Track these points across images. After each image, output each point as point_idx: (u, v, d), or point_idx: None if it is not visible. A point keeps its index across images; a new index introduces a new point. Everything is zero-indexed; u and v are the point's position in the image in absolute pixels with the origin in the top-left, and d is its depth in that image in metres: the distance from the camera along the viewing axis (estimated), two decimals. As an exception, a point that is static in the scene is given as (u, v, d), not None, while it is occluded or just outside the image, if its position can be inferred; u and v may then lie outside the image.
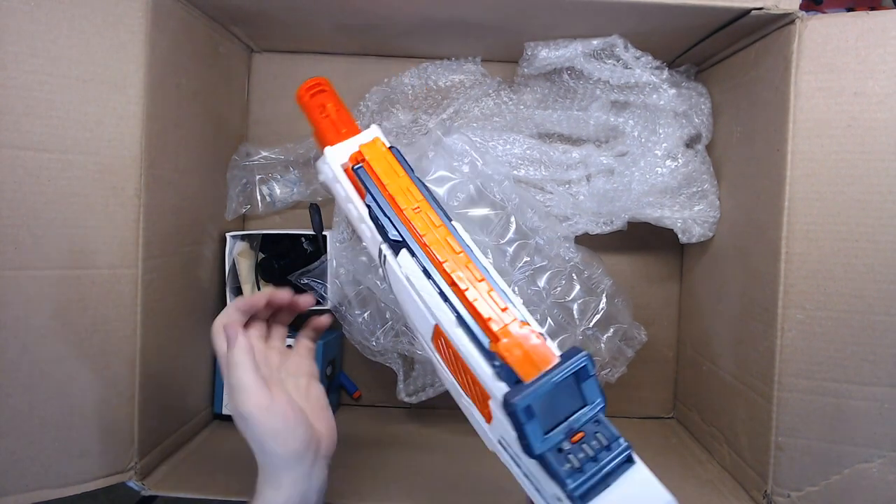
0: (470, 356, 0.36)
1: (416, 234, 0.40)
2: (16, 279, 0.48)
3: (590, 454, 0.34)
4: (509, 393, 0.33)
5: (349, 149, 0.46)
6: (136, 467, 0.55)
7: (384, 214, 0.41)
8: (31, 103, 0.48)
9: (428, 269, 0.39)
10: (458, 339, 0.37)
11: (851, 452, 0.51)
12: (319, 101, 0.50)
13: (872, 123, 0.50)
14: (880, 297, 0.50)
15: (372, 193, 0.42)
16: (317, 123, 0.50)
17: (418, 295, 0.39)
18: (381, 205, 0.42)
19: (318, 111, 0.49)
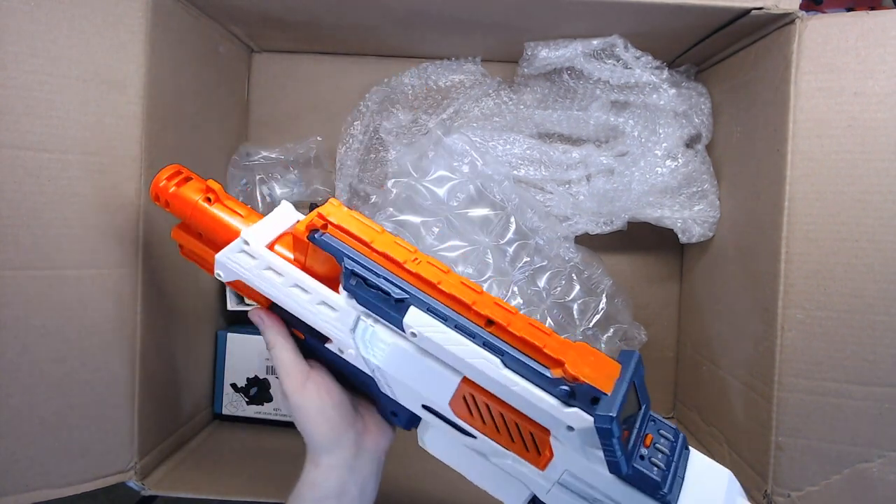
0: (526, 394, 0.34)
1: (428, 284, 0.37)
2: (16, 279, 0.48)
3: (666, 453, 0.34)
4: (601, 410, 0.31)
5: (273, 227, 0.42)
6: (136, 467, 0.55)
7: (378, 275, 0.37)
8: (31, 103, 0.48)
9: (454, 319, 0.36)
10: (507, 382, 0.34)
11: (851, 452, 0.51)
12: (195, 188, 0.44)
13: (872, 123, 0.50)
14: (880, 297, 0.50)
15: (353, 257, 0.38)
16: (200, 216, 0.43)
17: (436, 354, 0.36)
18: (370, 266, 0.37)
19: (198, 199, 0.43)
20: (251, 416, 0.70)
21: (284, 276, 0.40)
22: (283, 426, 0.70)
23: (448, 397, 0.37)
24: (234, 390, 0.70)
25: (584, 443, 0.34)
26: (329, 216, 0.39)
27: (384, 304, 0.37)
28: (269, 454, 0.65)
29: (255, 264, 0.40)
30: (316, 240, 0.38)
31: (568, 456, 0.34)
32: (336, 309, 0.39)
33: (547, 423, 0.34)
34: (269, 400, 0.70)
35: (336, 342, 0.40)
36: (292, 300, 0.40)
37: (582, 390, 0.33)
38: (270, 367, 0.70)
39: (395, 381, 0.39)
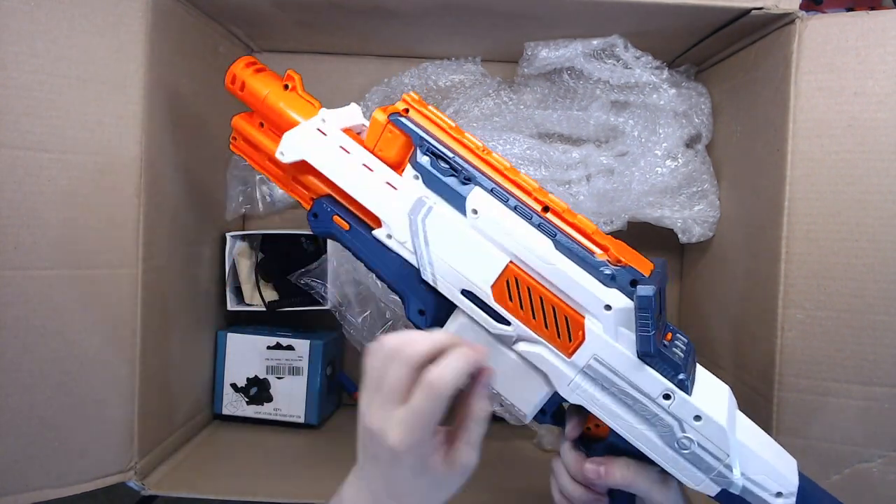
0: (572, 274, 0.38)
1: (495, 169, 0.40)
2: (16, 279, 0.48)
3: (683, 349, 0.39)
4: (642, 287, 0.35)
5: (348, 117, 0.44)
6: (136, 467, 0.55)
7: (454, 155, 0.40)
8: (31, 103, 0.48)
9: (514, 201, 0.39)
10: (555, 261, 0.38)
11: (851, 452, 0.51)
12: (272, 76, 0.47)
13: (872, 123, 0.50)
14: (880, 297, 0.50)
15: (434, 136, 0.41)
16: (274, 103, 0.45)
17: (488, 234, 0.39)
18: (447, 146, 0.41)
19: (276, 84, 0.46)
20: (251, 416, 0.70)
21: (353, 154, 0.42)
22: (283, 426, 0.70)
23: (492, 280, 0.39)
24: (234, 390, 0.70)
25: (618, 322, 0.37)
26: (412, 102, 0.42)
27: (451, 182, 0.40)
28: (269, 454, 0.65)
29: (326, 142, 0.43)
30: (397, 121, 0.41)
31: (598, 340, 0.38)
32: (398, 188, 0.41)
33: (586, 302, 0.38)
34: (269, 400, 0.70)
35: (387, 225, 0.42)
36: (356, 179, 0.42)
37: (623, 273, 0.37)
38: (270, 367, 0.70)
39: (441, 264, 0.40)
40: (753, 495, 0.39)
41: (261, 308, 0.72)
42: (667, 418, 0.38)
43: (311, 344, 0.70)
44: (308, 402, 0.70)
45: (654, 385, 0.37)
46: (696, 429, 0.37)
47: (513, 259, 0.39)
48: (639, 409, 0.38)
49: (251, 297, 0.72)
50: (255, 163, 0.48)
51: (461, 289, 0.41)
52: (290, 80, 0.46)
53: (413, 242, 0.41)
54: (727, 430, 0.37)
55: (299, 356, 0.70)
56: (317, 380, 0.70)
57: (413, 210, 0.41)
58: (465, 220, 0.40)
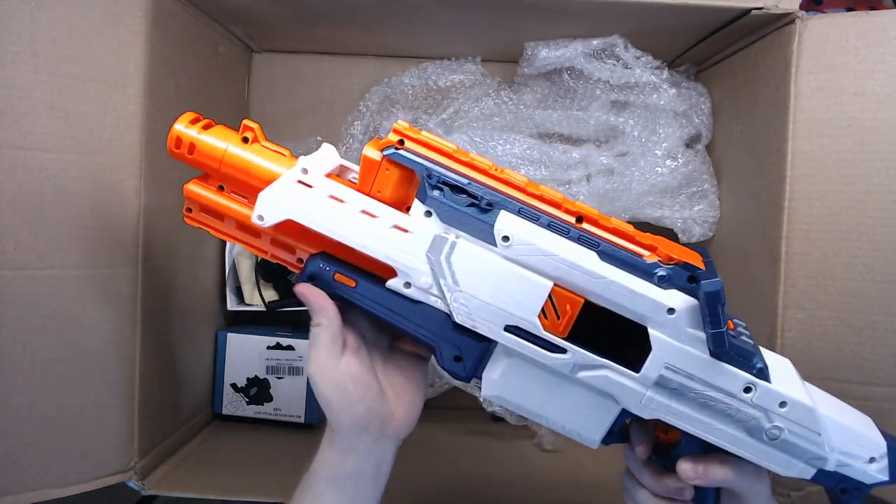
0: (624, 283, 0.35)
1: (516, 188, 0.37)
2: (16, 279, 0.48)
3: (748, 335, 0.37)
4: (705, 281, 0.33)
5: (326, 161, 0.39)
6: (136, 467, 0.55)
7: (468, 182, 0.36)
8: (31, 103, 0.48)
9: (545, 218, 0.36)
10: (604, 273, 0.35)
11: (851, 452, 0.51)
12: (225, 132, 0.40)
13: (872, 123, 0.50)
14: (880, 297, 0.50)
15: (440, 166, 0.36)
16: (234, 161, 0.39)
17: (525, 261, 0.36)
18: (457, 173, 0.36)
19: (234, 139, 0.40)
20: (251, 416, 0.70)
21: (349, 202, 0.37)
22: (283, 426, 0.70)
23: (538, 309, 0.36)
24: (234, 390, 0.70)
25: (686, 324, 0.35)
26: (405, 131, 0.37)
27: (472, 212, 0.36)
28: (269, 454, 0.65)
29: (313, 194, 0.37)
30: (395, 155, 0.36)
31: (666, 347, 0.35)
32: (410, 230, 0.37)
33: (647, 310, 0.35)
34: (269, 400, 0.70)
35: (403, 273, 0.37)
36: (356, 230, 0.37)
37: (677, 271, 0.35)
38: (270, 367, 0.70)
39: (476, 303, 0.37)
40: (849, 467, 0.37)
41: (261, 308, 0.72)
42: (752, 411, 0.36)
43: (311, 344, 0.70)
44: (308, 402, 0.70)
45: (734, 380, 0.36)
46: (783, 415, 0.36)
47: (557, 281, 0.36)
48: (721, 409, 0.36)
49: (251, 297, 0.72)
50: (220, 233, 0.42)
51: (504, 325, 0.37)
52: (248, 130, 0.40)
53: (438, 286, 0.37)
54: (814, 408, 0.36)
55: (299, 356, 0.70)
56: (317, 380, 0.70)
57: (433, 250, 0.36)
58: (495, 251, 0.36)
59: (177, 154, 0.39)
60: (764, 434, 0.36)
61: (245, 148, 0.39)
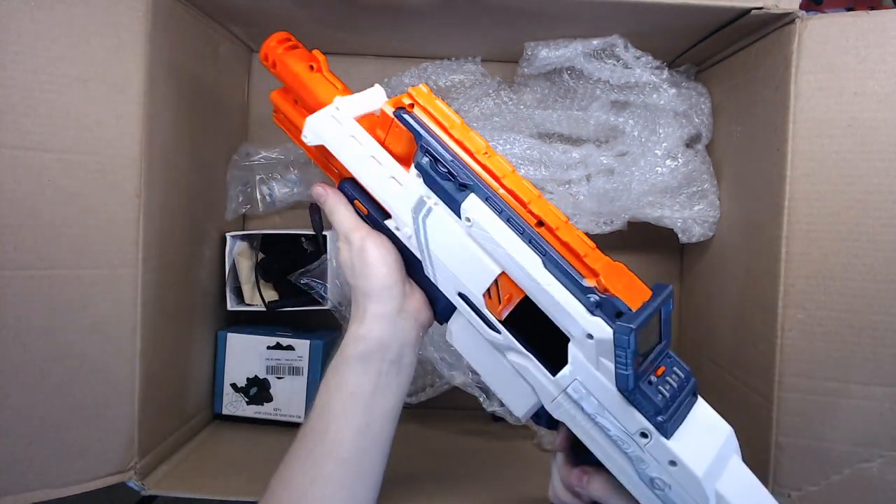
0: (557, 295, 0.36)
1: (493, 176, 0.39)
2: (16, 279, 0.48)
3: (673, 387, 0.36)
4: (623, 321, 0.33)
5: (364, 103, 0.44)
6: (136, 467, 0.55)
7: (452, 158, 0.40)
8: (31, 103, 0.48)
9: (507, 212, 0.38)
10: (543, 280, 0.37)
11: (851, 452, 0.51)
12: (301, 55, 0.48)
13: (872, 123, 0.50)
14: (880, 297, 0.50)
15: (433, 136, 0.40)
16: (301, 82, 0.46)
17: (484, 242, 0.38)
18: (446, 148, 0.40)
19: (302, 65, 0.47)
20: (251, 416, 0.70)
21: (363, 145, 0.43)
22: (283, 426, 0.70)
23: (484, 288, 0.39)
24: (234, 390, 0.70)
25: (599, 353, 0.36)
26: (417, 97, 0.41)
27: (448, 187, 0.39)
28: (269, 454, 0.65)
29: (340, 131, 0.43)
30: (400, 117, 0.41)
31: (580, 365, 0.36)
32: (402, 185, 0.41)
33: (570, 327, 0.36)
34: (269, 400, 0.70)
35: (395, 219, 0.43)
36: (365, 170, 0.43)
37: (609, 303, 0.35)
38: (270, 367, 0.70)
39: (440, 265, 0.41)
40: None
41: (261, 308, 0.72)
42: (643, 455, 0.36)
43: (311, 344, 0.70)
44: (308, 402, 0.70)
45: (632, 422, 0.36)
46: (670, 473, 0.35)
47: (504, 270, 0.38)
48: (616, 441, 0.36)
49: (251, 297, 0.72)
50: (294, 137, 0.50)
51: (458, 291, 0.41)
52: (313, 60, 0.46)
53: (417, 239, 0.42)
54: (703, 482, 0.35)
55: (299, 356, 0.70)
56: (317, 380, 0.70)
57: (416, 208, 0.41)
58: (460, 226, 0.40)
59: (265, 65, 0.49)
60: (651, 481, 0.36)
61: (309, 75, 0.46)
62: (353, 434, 0.42)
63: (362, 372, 0.43)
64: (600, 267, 0.37)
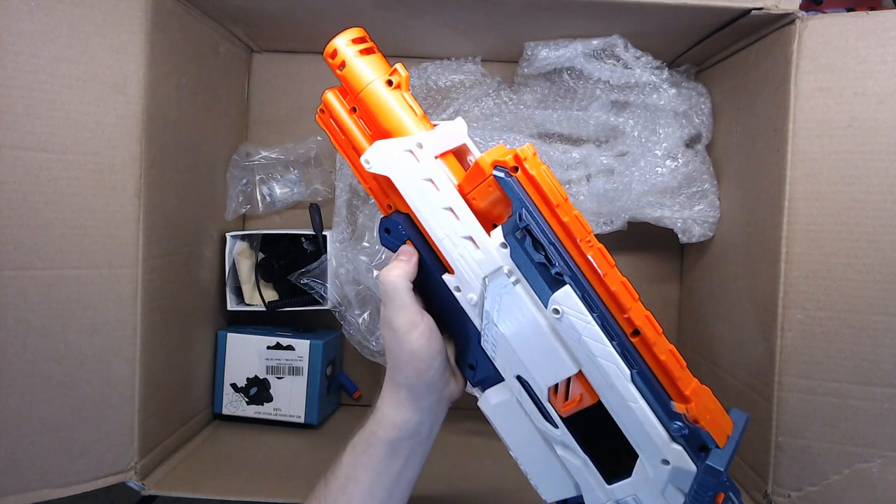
0: (640, 415, 0.34)
1: (593, 272, 0.35)
2: (16, 279, 0.48)
3: None
4: (714, 461, 0.32)
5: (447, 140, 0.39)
6: (136, 467, 0.55)
7: (550, 242, 0.35)
8: (31, 103, 0.48)
9: (604, 315, 0.35)
10: (627, 395, 0.34)
11: (851, 452, 0.51)
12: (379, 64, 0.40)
13: (872, 123, 0.50)
14: (880, 297, 0.50)
15: (532, 213, 0.35)
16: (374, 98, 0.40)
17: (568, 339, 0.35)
18: (545, 228, 0.35)
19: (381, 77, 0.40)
20: (251, 416, 0.70)
21: (442, 193, 0.38)
22: (283, 426, 0.70)
23: (552, 382, 0.36)
24: (234, 390, 0.70)
25: (671, 480, 0.34)
26: (525, 161, 0.36)
27: (540, 272, 0.35)
28: (269, 454, 0.65)
29: (416, 169, 0.38)
30: (501, 179, 0.36)
31: (644, 485, 0.35)
32: (482, 250, 0.37)
33: (646, 446, 0.34)
34: (269, 400, 0.70)
35: (459, 279, 0.38)
36: (437, 220, 0.38)
37: (697, 435, 0.33)
38: (270, 367, 0.70)
39: (504, 344, 0.37)
40: None
41: (261, 308, 0.72)
42: None
43: (311, 344, 0.70)
44: (308, 402, 0.70)
45: None
46: None
47: (583, 370, 0.35)
48: None
49: (251, 297, 0.72)
50: (338, 145, 0.44)
51: (517, 374, 0.38)
52: (396, 74, 0.40)
53: (481, 309, 0.38)
54: None
55: (299, 356, 0.70)
56: (317, 380, 0.70)
57: (492, 277, 0.37)
58: (543, 314, 0.36)
59: (329, 63, 0.41)
60: None
61: (387, 90, 0.40)
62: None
63: (392, 456, 0.42)
64: (692, 392, 0.34)
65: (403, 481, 0.43)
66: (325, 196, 0.75)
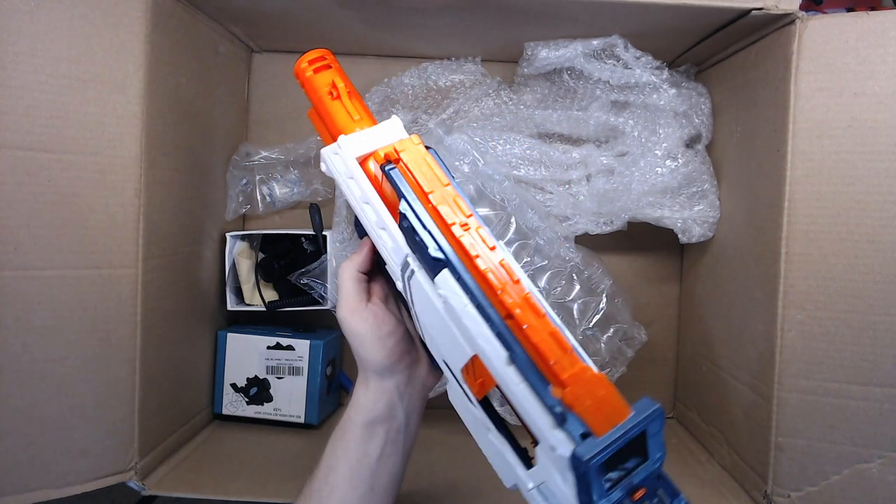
0: (522, 398, 0.33)
1: (466, 254, 0.35)
2: (16, 279, 0.48)
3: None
4: (581, 450, 0.30)
5: (370, 141, 0.41)
6: (136, 467, 0.55)
7: (424, 228, 0.36)
8: (31, 103, 0.48)
9: (478, 297, 0.34)
10: (508, 378, 0.33)
11: (851, 452, 0.51)
12: (326, 79, 0.45)
13: (873, 123, 0.50)
14: (880, 297, 0.50)
15: (409, 201, 0.37)
16: (323, 106, 0.44)
17: (456, 322, 0.35)
18: (421, 216, 0.37)
19: (324, 90, 0.44)
20: (251, 416, 0.70)
21: (362, 190, 0.40)
22: (283, 426, 0.70)
23: (461, 364, 0.37)
24: (234, 390, 0.70)
25: (566, 467, 0.31)
26: (402, 152, 0.38)
27: (422, 256, 0.37)
28: (269, 454, 0.65)
29: (342, 170, 0.41)
30: (385, 171, 0.38)
31: (546, 472, 0.33)
32: (393, 240, 0.39)
33: (535, 430, 0.33)
34: (269, 400, 0.70)
35: (390, 268, 0.41)
36: (363, 216, 0.41)
37: (575, 421, 0.31)
38: (270, 367, 0.70)
39: (425, 328, 0.39)
40: None
41: (261, 308, 0.72)
42: None
43: (311, 344, 0.70)
44: (308, 402, 0.70)
45: None
46: None
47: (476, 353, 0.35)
48: None
49: (251, 297, 0.72)
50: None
51: (442, 358, 0.39)
52: (334, 88, 0.44)
53: (405, 296, 0.40)
54: None
55: (299, 356, 0.70)
56: (317, 380, 0.70)
57: (403, 266, 0.39)
58: (437, 298, 0.37)
59: (299, 81, 0.47)
60: None
61: (330, 103, 0.45)
62: (359, 498, 0.42)
63: (368, 439, 0.42)
64: (569, 377, 0.31)
65: (384, 472, 0.43)
66: (325, 196, 0.75)
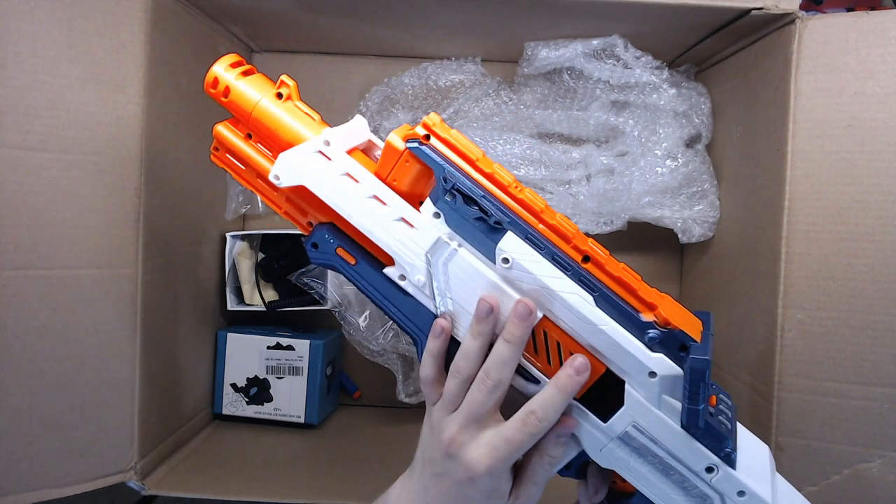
0: (614, 336, 0.34)
1: (532, 212, 0.35)
2: (16, 279, 0.48)
3: (728, 415, 0.35)
4: (695, 351, 0.31)
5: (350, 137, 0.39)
6: (136, 467, 0.55)
7: (483, 193, 0.35)
8: (31, 103, 0.48)
9: (551, 250, 0.35)
10: (597, 321, 0.34)
11: (851, 452, 0.51)
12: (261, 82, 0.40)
13: (872, 123, 0.50)
14: (880, 297, 0.50)
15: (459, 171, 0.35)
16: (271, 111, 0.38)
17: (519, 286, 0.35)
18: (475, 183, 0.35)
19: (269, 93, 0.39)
20: (251, 416, 0.70)
21: (363, 184, 0.37)
22: (282, 426, 0.70)
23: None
24: (234, 390, 0.70)
25: (664, 390, 0.34)
26: (433, 126, 0.36)
27: (478, 227, 0.35)
28: (269, 454, 0.65)
29: (329, 168, 0.37)
30: (416, 149, 0.36)
31: (639, 407, 0.34)
32: (416, 227, 0.36)
33: (628, 366, 0.34)
34: (269, 400, 0.70)
35: (400, 266, 0.37)
36: (364, 213, 0.37)
37: (672, 337, 0.33)
38: (270, 367, 0.70)
39: (463, 314, 0.36)
40: None
41: (261, 308, 0.72)
42: (708, 491, 0.34)
43: (311, 344, 0.70)
44: (308, 402, 0.70)
45: (699, 458, 0.34)
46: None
47: (547, 314, 0.35)
48: (677, 480, 0.35)
49: (251, 297, 0.72)
50: (242, 179, 0.42)
51: None
52: (284, 86, 0.39)
53: (431, 287, 0.37)
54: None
55: (299, 356, 0.70)
56: (317, 380, 0.70)
57: (433, 251, 0.36)
58: (493, 269, 0.35)
59: (212, 94, 0.39)
60: None
61: (277, 104, 0.39)
62: None
63: None
64: (654, 299, 0.34)
65: None
66: (325, 196, 0.75)
